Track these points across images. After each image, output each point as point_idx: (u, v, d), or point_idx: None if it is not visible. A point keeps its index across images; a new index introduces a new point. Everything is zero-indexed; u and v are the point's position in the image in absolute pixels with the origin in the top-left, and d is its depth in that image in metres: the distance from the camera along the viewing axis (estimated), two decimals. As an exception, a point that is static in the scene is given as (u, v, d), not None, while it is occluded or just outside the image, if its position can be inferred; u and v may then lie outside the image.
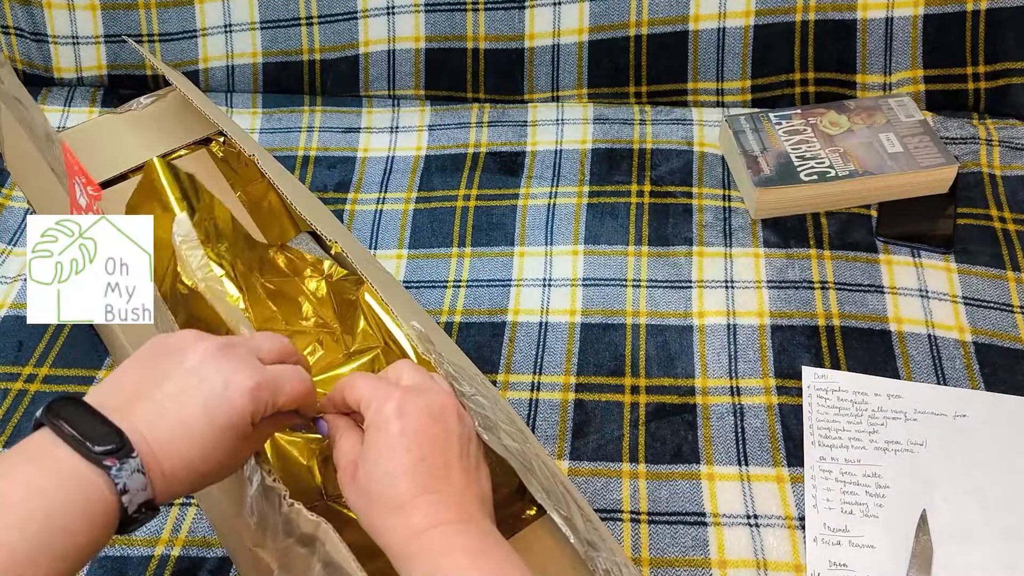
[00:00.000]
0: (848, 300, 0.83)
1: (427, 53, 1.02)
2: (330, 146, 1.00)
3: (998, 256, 0.85)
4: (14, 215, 0.94)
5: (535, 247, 0.89)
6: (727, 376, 0.78)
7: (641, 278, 0.86)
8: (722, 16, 0.97)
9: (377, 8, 1.01)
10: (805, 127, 0.93)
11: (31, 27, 1.04)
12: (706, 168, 0.94)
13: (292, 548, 0.51)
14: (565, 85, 1.02)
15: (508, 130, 1.00)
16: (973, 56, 0.96)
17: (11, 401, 0.77)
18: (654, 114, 1.00)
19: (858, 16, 0.96)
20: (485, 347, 0.81)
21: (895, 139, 0.90)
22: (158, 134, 0.79)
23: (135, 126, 0.80)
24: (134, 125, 0.80)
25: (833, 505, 0.69)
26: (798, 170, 0.88)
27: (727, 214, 0.90)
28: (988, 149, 0.94)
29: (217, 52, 1.04)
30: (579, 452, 0.73)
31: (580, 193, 0.93)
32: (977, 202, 0.90)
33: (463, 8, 1.00)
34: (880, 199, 0.90)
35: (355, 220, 0.92)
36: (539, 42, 1.00)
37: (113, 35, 1.04)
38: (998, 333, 0.80)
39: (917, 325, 0.80)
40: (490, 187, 0.94)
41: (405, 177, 0.96)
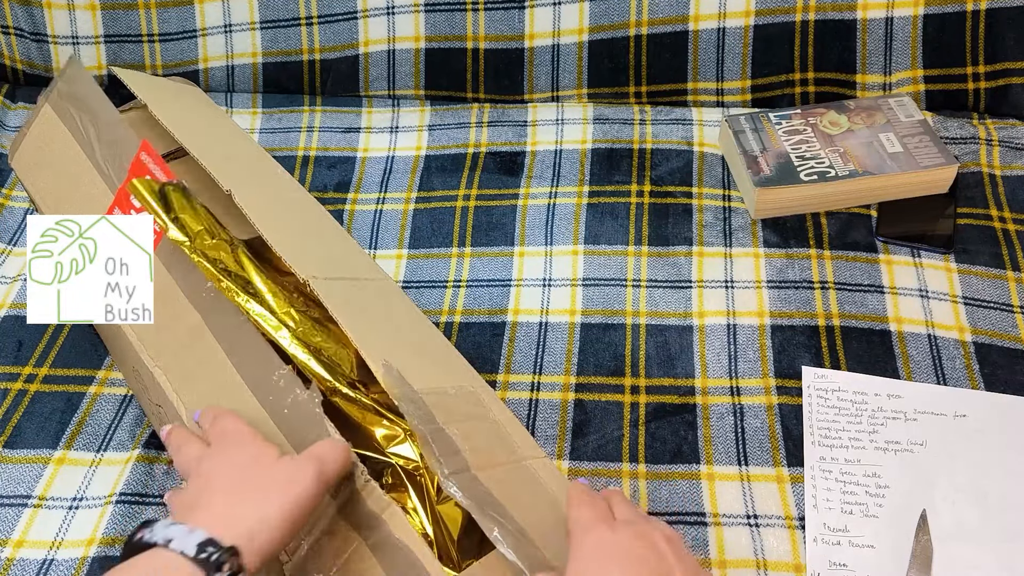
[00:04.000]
0: (848, 300, 0.83)
1: (427, 53, 1.02)
2: (330, 146, 1.00)
3: (998, 256, 0.85)
4: (14, 215, 0.94)
5: (535, 247, 0.89)
6: (727, 376, 0.78)
7: (641, 278, 0.86)
8: (722, 16, 0.97)
9: (377, 8, 1.01)
10: (805, 127, 0.92)
11: (31, 27, 1.04)
12: (706, 168, 0.94)
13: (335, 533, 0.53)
14: (565, 85, 1.02)
15: (508, 130, 1.00)
16: (973, 56, 0.96)
17: (11, 401, 0.77)
18: (654, 114, 1.00)
19: (858, 16, 0.96)
20: (485, 347, 0.81)
21: (895, 139, 0.90)
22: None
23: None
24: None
25: (833, 505, 0.69)
26: (798, 170, 0.88)
27: (727, 214, 0.90)
28: (988, 149, 0.94)
29: (217, 52, 1.04)
30: (579, 452, 0.73)
31: (580, 193, 0.93)
32: (977, 202, 0.90)
33: (463, 8, 1.00)
34: (880, 199, 0.90)
35: (355, 220, 0.92)
36: (539, 42, 1.00)
37: (113, 35, 1.04)
38: (998, 333, 0.80)
39: (917, 325, 0.80)
40: (490, 187, 0.94)
41: (405, 177, 0.96)
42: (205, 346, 0.63)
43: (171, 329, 0.65)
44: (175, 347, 0.65)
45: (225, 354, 0.62)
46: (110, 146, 0.72)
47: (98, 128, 0.73)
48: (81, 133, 0.74)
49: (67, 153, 0.74)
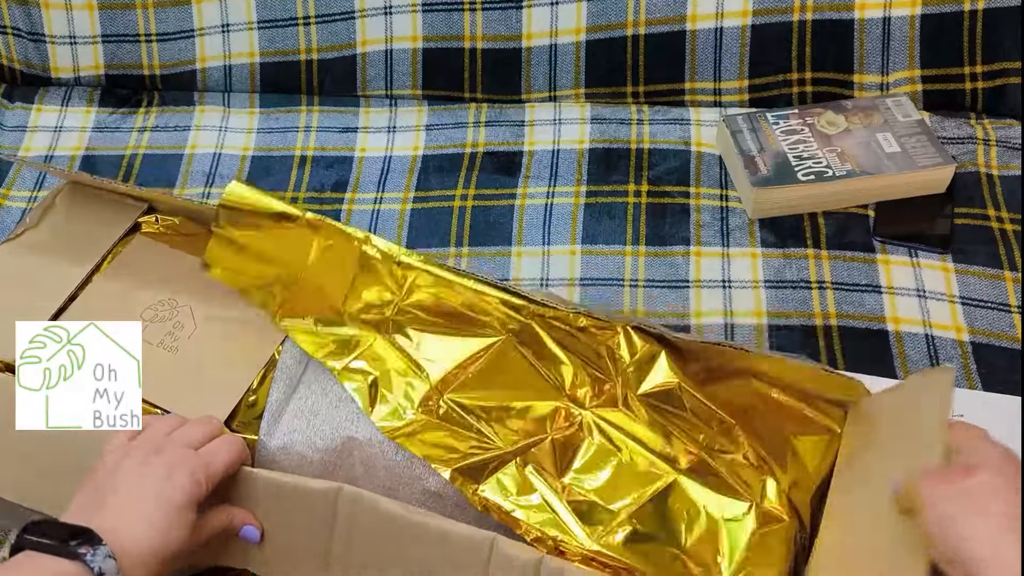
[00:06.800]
0: (845, 300, 0.83)
1: (424, 53, 1.02)
2: (327, 146, 1.00)
3: (995, 256, 0.85)
4: (12, 215, 0.94)
5: (532, 247, 0.89)
6: (724, 376, 0.78)
7: (638, 278, 0.86)
8: (719, 16, 0.97)
9: (374, 8, 1.01)
10: (802, 127, 0.92)
11: (28, 27, 1.04)
12: (703, 168, 0.94)
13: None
14: (562, 85, 1.02)
15: (505, 130, 1.00)
16: (971, 56, 0.96)
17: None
18: (651, 114, 1.00)
19: (855, 16, 0.96)
20: (482, 347, 0.80)
21: (892, 139, 0.90)
22: (75, 246, 0.75)
23: (44, 250, 0.75)
24: (42, 249, 0.75)
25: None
26: (795, 170, 0.88)
27: (724, 214, 0.90)
28: (985, 149, 0.94)
29: (214, 52, 1.04)
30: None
31: (577, 193, 0.93)
32: (974, 202, 0.90)
33: (460, 8, 1.00)
34: (877, 199, 0.90)
35: (352, 220, 0.92)
36: (536, 42, 1.00)
37: (110, 35, 1.04)
38: (995, 333, 0.80)
39: (914, 325, 0.80)
40: (487, 187, 0.94)
41: (402, 177, 0.96)
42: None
43: None
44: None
45: None
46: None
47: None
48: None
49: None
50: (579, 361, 0.68)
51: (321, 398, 0.65)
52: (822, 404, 0.67)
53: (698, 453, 0.63)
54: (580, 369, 0.67)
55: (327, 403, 0.65)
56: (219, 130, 1.01)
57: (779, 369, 0.67)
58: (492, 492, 0.60)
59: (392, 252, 0.73)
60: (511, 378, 0.66)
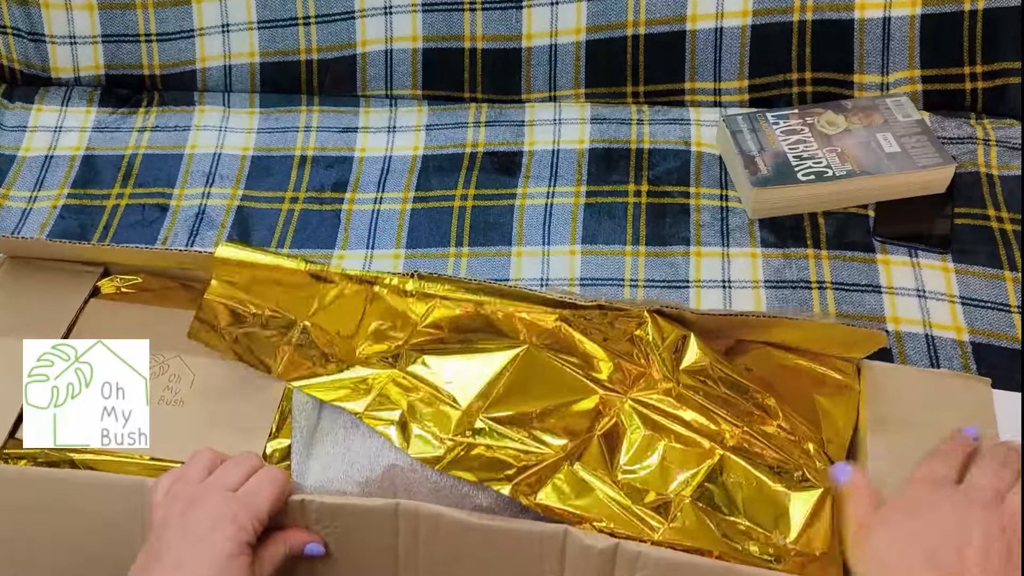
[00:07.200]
0: (845, 300, 0.82)
1: (424, 53, 1.02)
2: (327, 146, 1.00)
3: (995, 256, 0.85)
4: (12, 215, 0.94)
5: (532, 247, 0.89)
6: (724, 376, 0.78)
7: (638, 278, 0.86)
8: (719, 16, 0.97)
9: (374, 8, 1.01)
10: (802, 127, 0.92)
11: (28, 27, 1.04)
12: (703, 168, 0.94)
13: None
14: (562, 85, 1.02)
15: (505, 130, 1.00)
16: (971, 56, 0.96)
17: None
18: (651, 114, 1.00)
19: (855, 16, 0.96)
20: (482, 347, 0.80)
21: (892, 139, 0.90)
22: (31, 323, 0.70)
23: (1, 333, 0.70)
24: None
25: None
26: (795, 170, 0.88)
27: (724, 214, 0.90)
28: (985, 149, 0.94)
29: (214, 52, 1.04)
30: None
31: (577, 193, 0.93)
32: (974, 202, 0.90)
33: (460, 8, 1.00)
34: (877, 199, 0.90)
35: (352, 220, 0.92)
36: (536, 42, 1.00)
37: (110, 35, 1.04)
38: (995, 333, 0.80)
39: (914, 325, 0.80)
40: (487, 187, 0.94)
41: (402, 177, 0.96)
42: None
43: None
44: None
45: None
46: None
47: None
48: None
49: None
50: (612, 352, 0.68)
51: (352, 431, 0.63)
52: (838, 362, 0.71)
53: (741, 427, 0.64)
54: (614, 359, 0.67)
55: (359, 435, 0.63)
56: (219, 130, 1.01)
57: (799, 332, 0.70)
58: (550, 498, 0.60)
59: (399, 284, 0.72)
60: (545, 382, 0.66)
